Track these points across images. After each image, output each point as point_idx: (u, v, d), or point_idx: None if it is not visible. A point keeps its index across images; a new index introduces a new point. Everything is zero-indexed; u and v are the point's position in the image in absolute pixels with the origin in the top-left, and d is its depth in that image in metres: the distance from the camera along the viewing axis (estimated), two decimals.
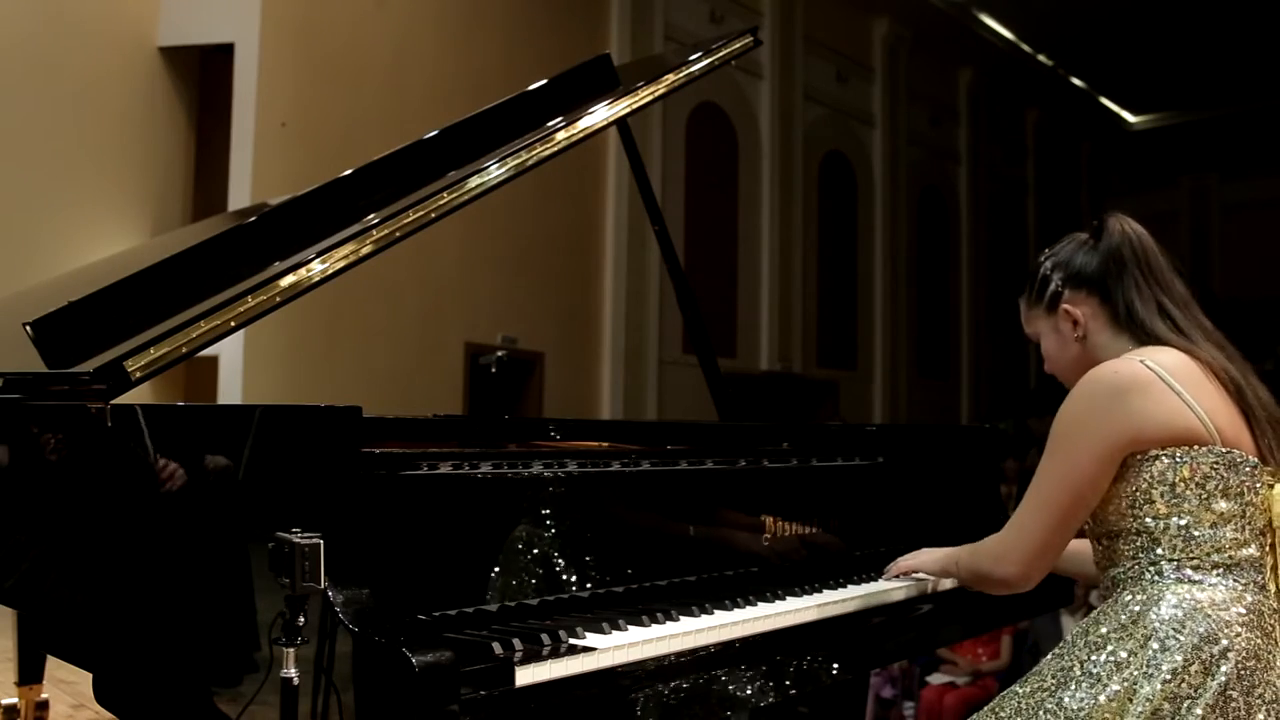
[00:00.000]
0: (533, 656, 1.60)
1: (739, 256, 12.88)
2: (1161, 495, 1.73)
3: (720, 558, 2.19)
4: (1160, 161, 20.03)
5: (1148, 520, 1.74)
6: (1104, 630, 1.73)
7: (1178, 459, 1.72)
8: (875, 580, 2.36)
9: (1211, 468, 1.72)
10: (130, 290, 1.88)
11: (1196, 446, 1.73)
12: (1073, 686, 1.69)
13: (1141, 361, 1.78)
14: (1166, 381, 1.75)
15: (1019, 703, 1.76)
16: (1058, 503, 1.79)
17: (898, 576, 2.32)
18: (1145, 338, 1.85)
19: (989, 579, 1.92)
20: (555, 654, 1.63)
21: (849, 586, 2.29)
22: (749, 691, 1.93)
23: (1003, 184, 17.99)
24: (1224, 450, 1.73)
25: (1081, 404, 1.79)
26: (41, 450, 1.86)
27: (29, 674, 2.75)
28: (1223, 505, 1.72)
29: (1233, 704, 1.62)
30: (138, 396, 1.72)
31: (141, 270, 1.92)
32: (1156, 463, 1.73)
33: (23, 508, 1.98)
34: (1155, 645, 1.66)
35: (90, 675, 1.79)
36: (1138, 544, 1.76)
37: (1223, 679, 1.62)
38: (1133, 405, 1.74)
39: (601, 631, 1.76)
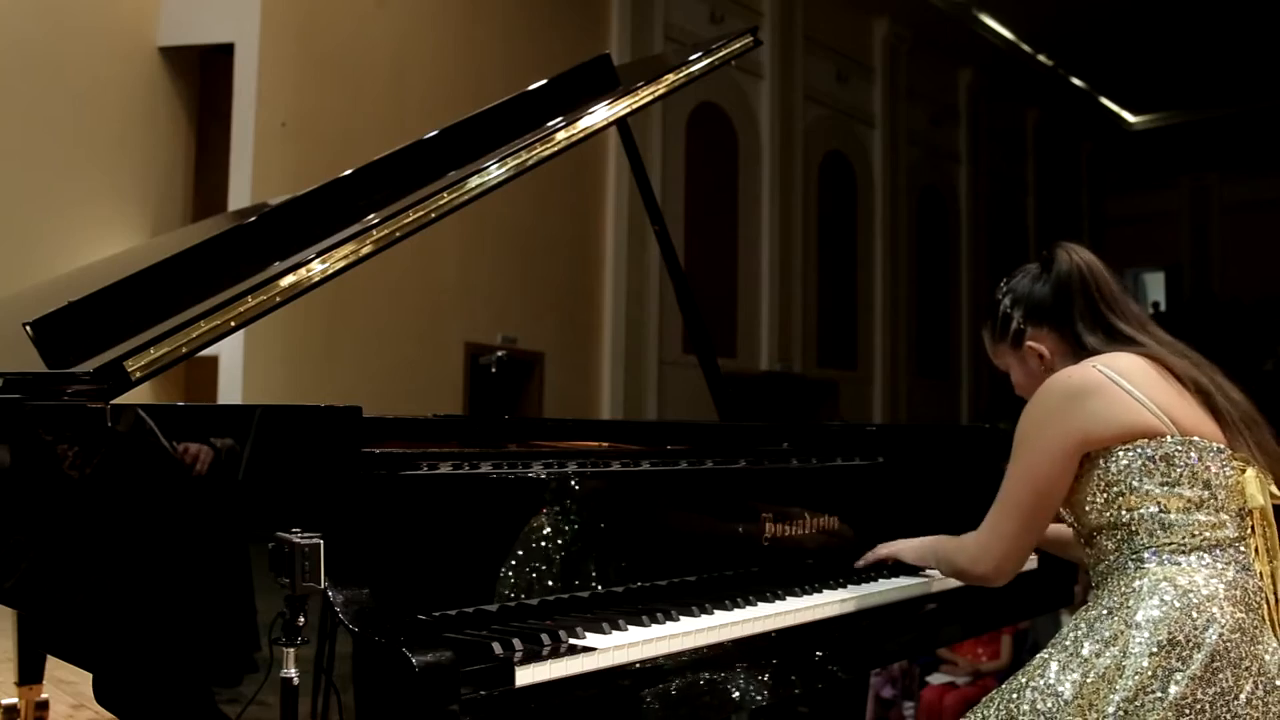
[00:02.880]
0: (533, 656, 1.60)
1: (739, 256, 12.88)
2: (1130, 488, 1.79)
3: (720, 558, 2.19)
4: (1160, 161, 20.04)
5: (1122, 513, 1.80)
6: (1089, 615, 1.78)
7: (1139, 451, 1.79)
8: (875, 580, 2.37)
9: (1173, 455, 1.78)
10: (130, 290, 1.88)
11: (1156, 438, 1.79)
12: (1056, 667, 1.74)
13: (1094, 366, 1.85)
14: (1117, 382, 1.82)
15: (1008, 689, 1.80)
16: (1022, 504, 1.89)
17: (877, 572, 2.39)
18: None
19: (966, 576, 2.05)
20: (555, 654, 1.63)
21: (849, 586, 2.30)
22: (749, 691, 1.93)
23: (1003, 184, 18.00)
24: (1182, 438, 1.79)
25: (1038, 410, 1.88)
26: (42, 450, 1.85)
27: (29, 674, 2.75)
28: (1191, 491, 1.77)
29: (1219, 676, 1.65)
30: (138, 396, 1.72)
31: (141, 270, 1.92)
32: (1120, 457, 1.80)
33: (23, 508, 1.98)
34: (1140, 623, 1.69)
35: (90, 675, 1.79)
36: (1118, 536, 1.81)
37: (1208, 652, 1.65)
38: (1086, 407, 1.81)
39: (601, 631, 1.76)
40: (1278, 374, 13.57)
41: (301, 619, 1.43)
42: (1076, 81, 19.15)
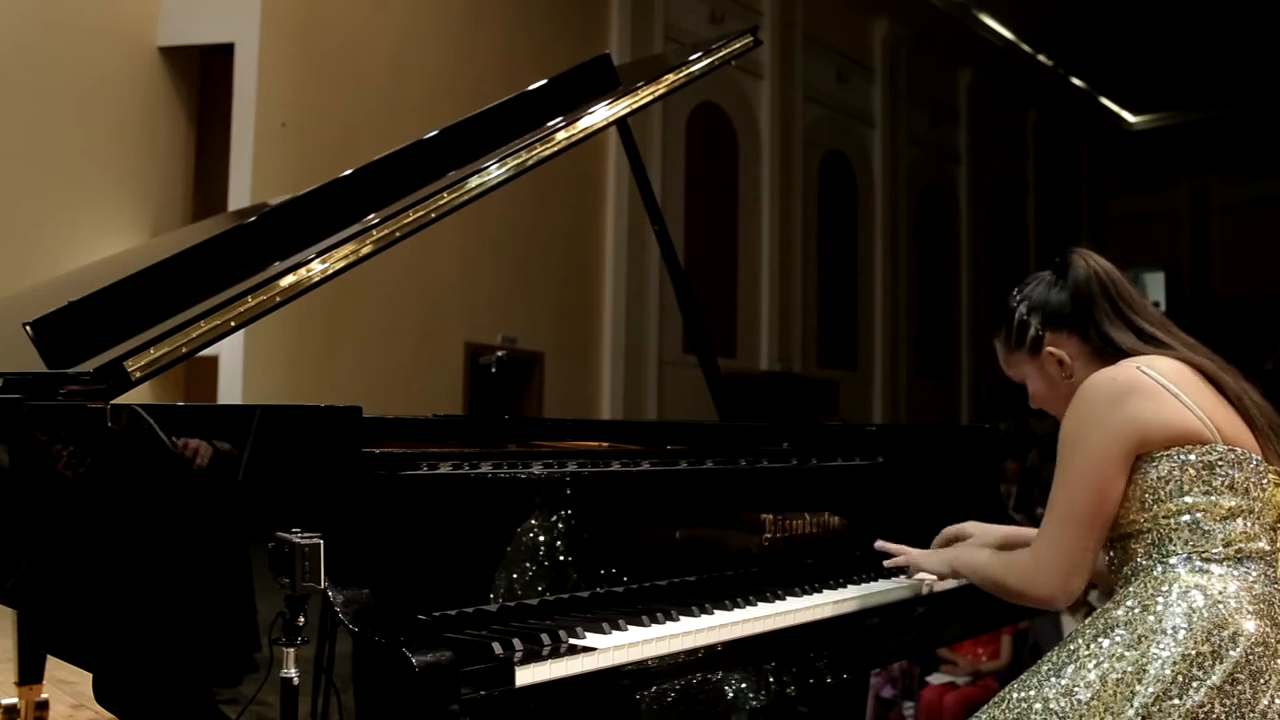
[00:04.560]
0: (533, 656, 1.60)
1: (739, 256, 12.88)
2: (1170, 494, 1.76)
3: (720, 558, 2.19)
4: (1160, 161, 20.04)
5: (1160, 519, 1.77)
6: (1113, 615, 1.75)
7: (1183, 458, 1.76)
8: (875, 580, 2.36)
9: (1217, 464, 1.75)
10: (130, 290, 1.88)
11: (1200, 445, 1.76)
12: (1075, 666, 1.72)
13: (1137, 368, 1.82)
14: (1163, 385, 1.78)
15: (1024, 683, 1.77)
16: (1078, 513, 1.79)
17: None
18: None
19: (1025, 598, 1.91)
20: (555, 654, 1.63)
21: (849, 586, 2.29)
22: (749, 691, 1.93)
23: (1003, 184, 18.00)
24: (1227, 448, 1.76)
25: (1083, 411, 1.81)
26: (41, 450, 1.86)
27: (29, 674, 2.75)
28: (1230, 501, 1.75)
29: (1239, 688, 1.64)
30: (138, 396, 1.72)
31: (141, 270, 1.92)
32: (1163, 463, 1.76)
33: (23, 508, 1.98)
34: (1166, 630, 1.68)
35: (90, 675, 1.79)
36: (1149, 540, 1.78)
37: (1230, 664, 1.64)
38: (1134, 408, 1.77)
39: (601, 631, 1.76)
40: (1278, 374, 13.57)
41: (301, 619, 1.43)
42: (1076, 81, 19.15)
